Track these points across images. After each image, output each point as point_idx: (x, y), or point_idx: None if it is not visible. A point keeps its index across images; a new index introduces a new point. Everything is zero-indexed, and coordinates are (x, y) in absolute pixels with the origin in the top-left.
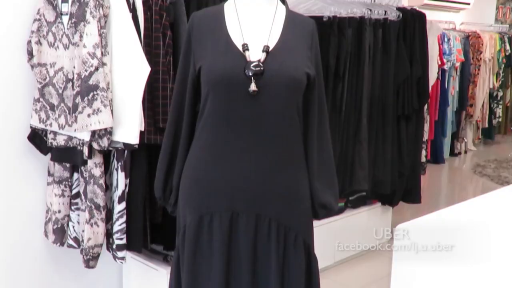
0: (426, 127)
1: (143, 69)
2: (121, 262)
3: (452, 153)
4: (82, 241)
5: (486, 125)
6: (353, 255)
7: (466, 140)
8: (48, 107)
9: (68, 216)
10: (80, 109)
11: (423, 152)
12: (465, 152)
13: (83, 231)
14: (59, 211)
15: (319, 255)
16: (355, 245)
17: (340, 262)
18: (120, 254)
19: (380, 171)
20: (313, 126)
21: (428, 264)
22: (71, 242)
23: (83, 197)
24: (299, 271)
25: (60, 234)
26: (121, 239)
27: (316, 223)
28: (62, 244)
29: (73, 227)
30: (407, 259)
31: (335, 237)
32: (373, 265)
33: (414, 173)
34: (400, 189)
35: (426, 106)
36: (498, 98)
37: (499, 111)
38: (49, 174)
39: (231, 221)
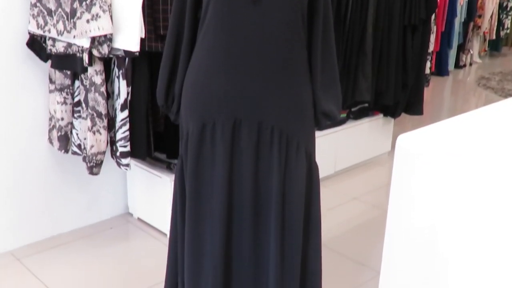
0: (432, 38)
1: None
2: (126, 169)
3: (457, 65)
4: (85, 148)
5: (494, 37)
6: (354, 165)
7: (472, 52)
8: (45, 12)
9: (71, 123)
10: (78, 14)
11: (428, 64)
12: (470, 64)
13: (85, 138)
14: (62, 119)
15: (320, 165)
16: (355, 155)
17: (341, 172)
18: (124, 161)
19: (384, 82)
20: (317, 35)
21: (428, 175)
22: (75, 149)
23: (84, 105)
24: (301, 179)
25: (64, 141)
26: (125, 146)
27: (318, 133)
28: (66, 151)
29: (77, 134)
30: (407, 169)
31: (336, 147)
32: (373, 175)
33: (417, 85)
34: (403, 101)
35: (433, 17)
36: (508, 8)
37: (508, 23)
38: (51, 81)
39: (234, 128)
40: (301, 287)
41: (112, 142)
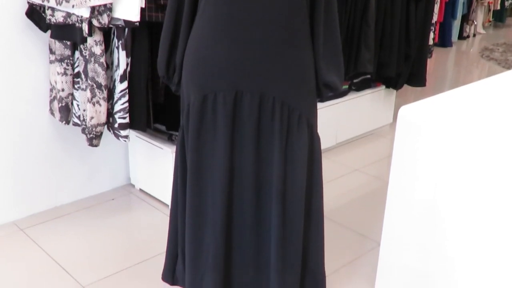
0: (436, 8)
1: None
2: (125, 141)
3: (461, 36)
4: (84, 120)
5: (498, 7)
6: (355, 137)
7: (476, 23)
8: None
9: (72, 94)
10: None
11: (431, 35)
12: (474, 35)
13: (84, 110)
14: (63, 90)
15: (322, 136)
16: (357, 127)
17: (342, 144)
18: (123, 132)
19: (386, 53)
20: (320, 5)
21: (430, 146)
22: (76, 120)
23: (83, 76)
24: (302, 150)
25: (65, 112)
26: (124, 118)
27: (319, 105)
28: (67, 122)
29: (78, 105)
30: (408, 141)
31: (338, 119)
32: (374, 146)
33: (420, 56)
34: (405, 72)
35: None
36: None
37: None
38: (51, 52)
39: (235, 99)
40: (303, 257)
41: (110, 113)
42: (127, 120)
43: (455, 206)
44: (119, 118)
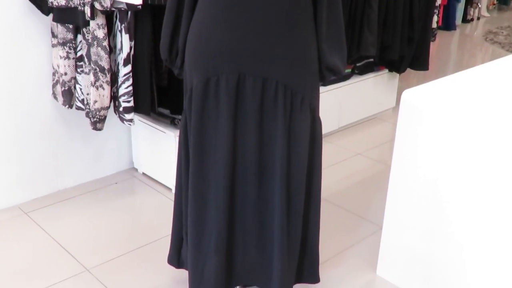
0: None
1: None
2: (129, 124)
3: (465, 20)
4: (88, 104)
5: None
6: (358, 121)
7: (480, 6)
8: None
9: (75, 78)
10: None
11: (435, 18)
12: (478, 18)
13: (88, 94)
14: (66, 74)
15: (324, 120)
16: (360, 111)
17: (344, 128)
18: (128, 116)
19: (389, 37)
20: None
21: (432, 130)
22: (79, 104)
23: (86, 60)
24: (304, 132)
25: (68, 96)
26: (128, 101)
27: (322, 89)
28: (70, 106)
29: (80, 89)
30: (411, 124)
31: (341, 103)
32: (376, 130)
33: (423, 39)
34: (408, 56)
35: None
36: None
37: None
38: (53, 35)
39: (238, 83)
40: (302, 237)
41: (115, 97)
42: (131, 104)
43: (457, 189)
44: (123, 101)
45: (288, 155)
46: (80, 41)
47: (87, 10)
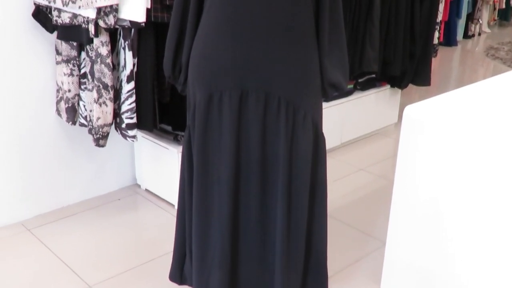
0: (441, 7)
1: None
2: (132, 141)
3: (466, 35)
4: (91, 120)
5: (503, 6)
6: (360, 137)
7: (481, 22)
8: None
9: (78, 95)
10: None
11: (436, 34)
12: (479, 34)
13: (91, 111)
14: (69, 90)
15: (327, 136)
16: (362, 126)
17: (347, 143)
18: (131, 132)
19: (391, 52)
20: (324, 4)
21: (435, 145)
22: (82, 121)
23: (89, 76)
24: (307, 149)
25: (72, 113)
26: (131, 118)
27: (324, 104)
28: (74, 123)
29: (84, 106)
30: (414, 140)
31: (343, 118)
32: (379, 146)
33: (425, 55)
34: (410, 71)
35: None
36: None
37: None
38: (58, 53)
39: (241, 99)
40: (306, 255)
41: (117, 114)
42: (134, 120)
43: (461, 205)
44: (126, 118)
45: (290, 170)
46: (84, 58)
47: (91, 28)
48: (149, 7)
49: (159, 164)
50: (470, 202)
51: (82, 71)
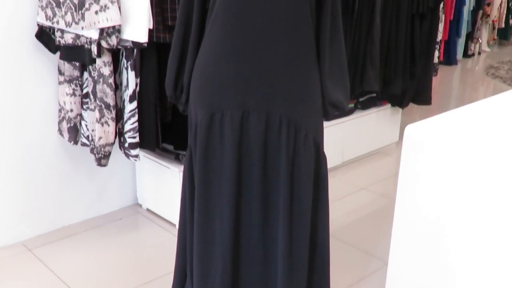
0: (441, 27)
1: None
2: (135, 160)
3: (466, 54)
4: (93, 140)
5: (503, 25)
6: (361, 156)
7: (480, 41)
8: (54, 4)
9: (81, 115)
10: (87, 5)
11: (436, 53)
12: (479, 53)
13: (93, 130)
14: (72, 110)
15: (328, 155)
16: (363, 145)
17: (348, 162)
18: (133, 152)
19: (392, 72)
20: (325, 24)
21: (436, 165)
22: (84, 140)
23: (92, 96)
24: (308, 169)
25: (74, 132)
26: (134, 137)
27: (326, 124)
28: (76, 142)
29: (86, 125)
30: (415, 159)
31: (344, 137)
32: (380, 165)
33: (425, 74)
34: (410, 90)
35: (441, 5)
36: None
37: None
38: (60, 73)
39: (242, 118)
40: (309, 275)
41: (120, 133)
42: (137, 140)
43: (463, 224)
44: (129, 137)
45: (292, 189)
46: (86, 78)
47: (94, 48)
48: (151, 27)
49: (160, 183)
50: (472, 221)
51: (84, 91)
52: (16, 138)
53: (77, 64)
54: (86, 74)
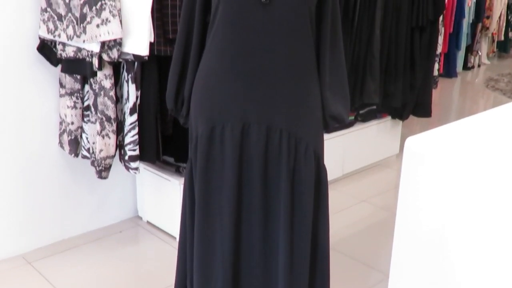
0: (440, 39)
1: None
2: (135, 173)
3: (465, 67)
4: (94, 152)
5: (502, 38)
6: (362, 168)
7: (480, 54)
8: (55, 17)
9: (81, 127)
10: (88, 19)
11: (436, 66)
12: (479, 65)
13: (94, 143)
14: (73, 123)
15: (328, 167)
16: (364, 158)
17: (349, 175)
18: (133, 164)
19: (392, 84)
20: (325, 37)
21: (437, 177)
22: (85, 153)
23: (93, 109)
24: (309, 181)
25: (75, 145)
26: (134, 150)
27: (326, 136)
28: (76, 155)
29: (87, 138)
30: (415, 172)
31: (345, 150)
32: (381, 177)
33: (425, 87)
34: (411, 103)
35: (441, 18)
36: None
37: None
38: (61, 86)
39: (243, 131)
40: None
41: (120, 146)
42: (137, 152)
43: (464, 236)
44: (129, 150)
45: (292, 202)
46: (87, 91)
47: (95, 61)
48: (152, 41)
49: (161, 196)
50: (473, 233)
51: (85, 103)
52: (17, 151)
53: (78, 77)
54: (87, 87)
